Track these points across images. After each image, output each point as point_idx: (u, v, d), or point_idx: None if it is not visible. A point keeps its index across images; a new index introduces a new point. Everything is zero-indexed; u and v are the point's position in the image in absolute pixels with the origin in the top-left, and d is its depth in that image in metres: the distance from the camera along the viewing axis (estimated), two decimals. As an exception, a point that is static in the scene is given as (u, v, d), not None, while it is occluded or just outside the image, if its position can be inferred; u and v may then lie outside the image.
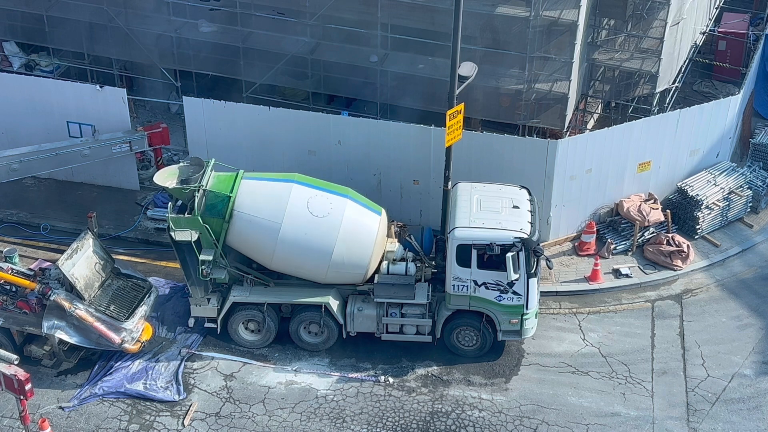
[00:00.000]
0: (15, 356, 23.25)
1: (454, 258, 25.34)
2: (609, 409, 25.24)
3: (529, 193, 26.51)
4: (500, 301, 25.58)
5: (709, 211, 30.01)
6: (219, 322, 26.44)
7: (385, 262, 26.28)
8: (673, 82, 32.01)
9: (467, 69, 26.20)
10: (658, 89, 30.89)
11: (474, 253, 25.15)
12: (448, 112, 26.17)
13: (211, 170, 26.12)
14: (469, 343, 26.41)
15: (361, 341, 26.90)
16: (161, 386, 25.61)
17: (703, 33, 35.26)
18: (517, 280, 25.14)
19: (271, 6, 31.04)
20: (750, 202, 30.81)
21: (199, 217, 25.18)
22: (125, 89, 31.08)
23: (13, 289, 25.91)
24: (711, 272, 29.22)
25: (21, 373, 22.38)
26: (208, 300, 26.31)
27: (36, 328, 25.37)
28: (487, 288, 25.50)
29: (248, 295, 26.22)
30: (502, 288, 25.42)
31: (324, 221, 25.37)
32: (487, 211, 25.69)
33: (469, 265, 25.29)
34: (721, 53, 35.92)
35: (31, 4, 33.12)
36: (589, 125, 32.76)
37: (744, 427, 24.83)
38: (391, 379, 25.95)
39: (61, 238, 29.63)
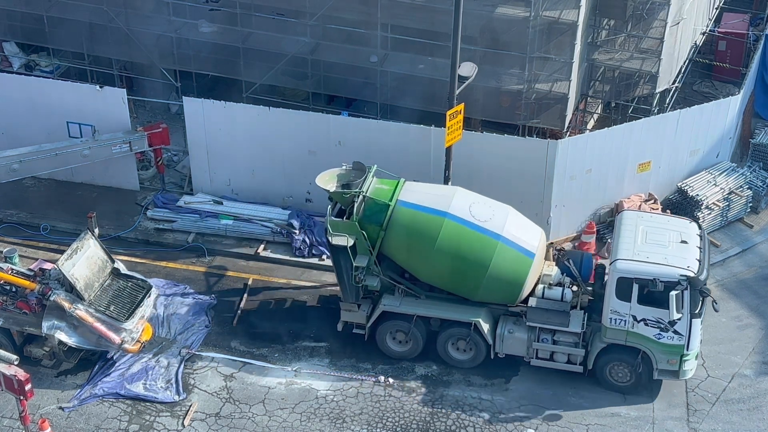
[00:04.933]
0: (15, 356, 23.25)
1: (613, 290, 24.33)
2: (609, 409, 25.24)
3: (699, 228, 25.46)
4: (659, 339, 24.48)
5: (709, 212, 30.02)
6: (367, 329, 26.19)
7: (540, 286, 25.51)
8: (673, 83, 32.00)
9: (467, 69, 26.20)
10: (658, 89, 30.89)
11: (635, 287, 24.11)
12: (448, 113, 26.18)
13: (373, 176, 25.89)
14: (622, 379, 25.34)
15: (361, 341, 26.90)
16: (161, 387, 25.61)
17: (703, 33, 35.26)
18: (679, 319, 24.07)
19: (271, 6, 31.04)
20: (750, 203, 30.81)
21: (357, 223, 24.97)
22: (125, 89, 31.08)
23: (13, 289, 25.90)
24: (711, 272, 29.18)
25: (21, 374, 22.38)
26: (359, 306, 26.10)
27: (36, 329, 25.36)
28: (646, 324, 24.39)
29: (398, 305, 25.77)
30: (662, 326, 24.33)
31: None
32: (653, 244, 24.60)
33: (629, 300, 24.25)
34: (721, 53, 35.91)
35: (31, 4, 33.11)
36: (589, 125, 32.75)
37: (744, 427, 24.83)
38: (391, 380, 25.95)
39: (61, 238, 29.62)
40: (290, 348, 26.87)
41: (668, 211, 29.89)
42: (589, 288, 25.78)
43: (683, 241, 24.73)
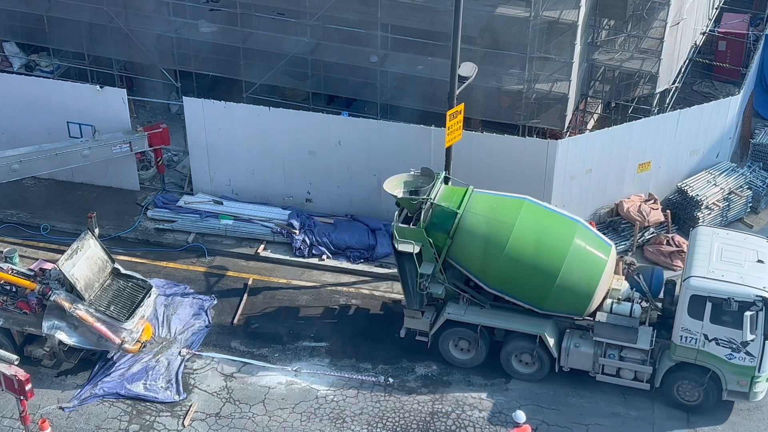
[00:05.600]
0: (15, 356, 23.25)
1: (685, 308, 23.83)
2: (609, 409, 25.24)
3: None
4: (730, 359, 23.96)
5: (709, 212, 30.01)
6: (430, 336, 25.96)
7: (609, 300, 25.05)
8: (673, 83, 32.01)
9: (467, 69, 26.21)
10: (658, 89, 30.90)
11: (708, 306, 23.59)
12: (448, 113, 26.18)
13: (441, 183, 25.68)
14: (690, 398, 24.81)
15: (361, 341, 26.91)
16: (161, 387, 25.61)
17: (703, 33, 35.27)
18: (752, 340, 23.57)
19: (271, 6, 31.04)
20: (750, 203, 30.82)
21: (424, 230, 24.74)
22: (125, 90, 31.10)
23: (14, 289, 25.91)
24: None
25: (21, 374, 22.37)
26: (422, 313, 25.89)
27: (36, 329, 25.36)
28: (717, 344, 23.87)
29: (463, 314, 25.50)
30: (734, 346, 23.80)
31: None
32: (729, 262, 24.04)
33: (701, 318, 23.75)
34: (721, 53, 35.92)
35: (31, 5, 33.13)
36: (589, 125, 32.76)
37: (744, 427, 24.82)
38: (391, 380, 25.95)
39: (61, 238, 29.63)
40: (290, 348, 26.87)
41: (668, 211, 29.91)
42: (659, 304, 25.29)
43: (760, 261, 24.16)
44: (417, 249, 24.80)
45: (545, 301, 24.83)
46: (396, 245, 25.00)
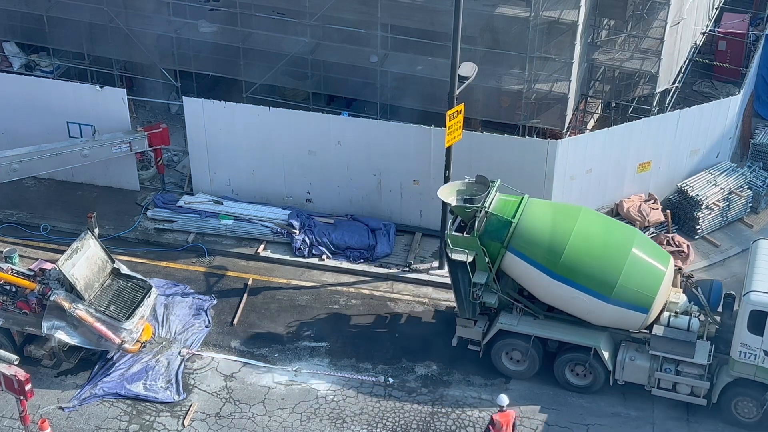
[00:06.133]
0: (15, 356, 23.23)
1: (745, 323, 23.33)
2: (609, 409, 25.24)
3: None
4: None
5: (709, 212, 30.01)
6: (482, 346, 25.66)
7: (666, 313, 24.53)
8: (673, 83, 32.01)
9: (467, 69, 26.20)
10: (658, 89, 30.89)
11: None
12: (448, 113, 26.18)
13: (496, 191, 25.32)
14: (748, 415, 24.34)
15: (361, 341, 26.91)
16: (161, 386, 25.61)
17: (703, 33, 35.27)
18: None
19: (271, 6, 31.04)
20: (750, 202, 30.81)
21: (478, 239, 24.46)
22: (125, 89, 31.09)
23: (14, 289, 25.90)
24: (711, 272, 29.16)
25: (21, 374, 22.36)
26: (475, 322, 25.62)
27: (36, 329, 25.36)
28: None
29: (516, 325, 25.15)
30: None
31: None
32: None
33: (761, 334, 23.26)
34: (721, 53, 35.91)
35: (31, 4, 33.13)
36: (589, 125, 32.76)
37: (744, 427, 24.78)
38: (391, 380, 25.94)
39: (61, 238, 29.62)
40: (290, 348, 26.87)
41: (668, 211, 29.90)
42: (717, 318, 24.82)
43: None
44: (470, 258, 24.49)
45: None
46: (449, 253, 24.69)
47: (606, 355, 24.68)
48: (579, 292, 24.22)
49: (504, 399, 23.16)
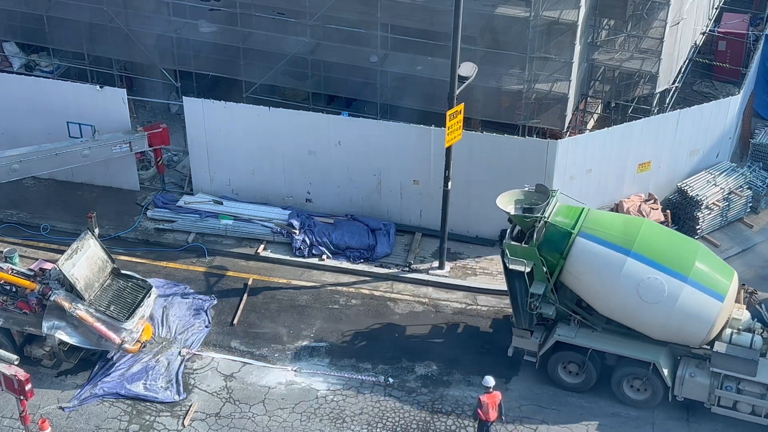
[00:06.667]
0: (15, 356, 23.24)
1: None
2: (609, 409, 25.23)
3: None
4: None
5: (709, 212, 30.01)
6: (538, 358, 25.32)
7: (728, 330, 23.92)
8: (673, 83, 32.01)
9: (467, 69, 26.20)
10: (658, 89, 30.90)
11: None
12: (448, 112, 26.18)
13: (556, 201, 24.98)
14: None
15: (361, 341, 26.91)
16: (161, 386, 25.61)
17: (703, 33, 35.27)
18: None
19: (271, 6, 31.05)
20: (750, 202, 30.81)
21: (536, 249, 24.14)
22: (125, 89, 31.09)
23: (14, 289, 25.90)
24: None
25: (21, 374, 22.37)
26: (531, 333, 25.23)
27: (36, 329, 25.36)
28: None
29: (573, 337, 24.77)
30: None
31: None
32: None
33: None
34: (721, 53, 35.91)
35: (31, 4, 33.13)
36: (589, 125, 32.76)
37: (745, 427, 24.79)
38: (391, 380, 25.94)
39: (61, 238, 29.62)
40: (290, 348, 26.87)
41: (668, 211, 29.90)
42: None
43: None
44: (528, 268, 24.21)
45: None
46: (507, 263, 24.41)
47: (665, 370, 24.22)
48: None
49: (490, 380, 23.33)
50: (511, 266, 24.40)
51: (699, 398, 24.46)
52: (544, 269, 24.29)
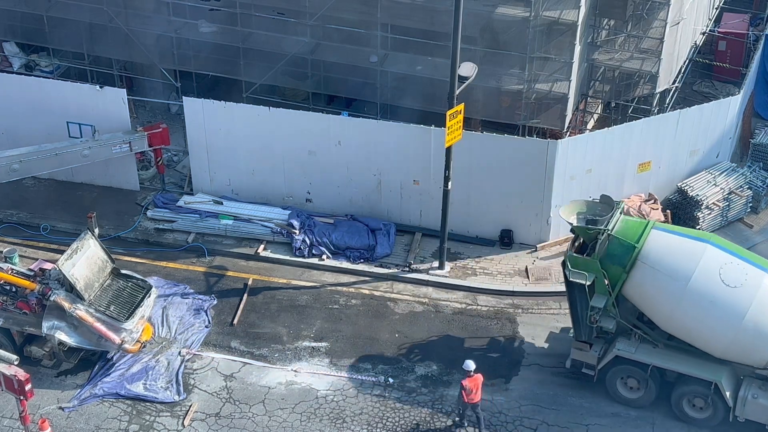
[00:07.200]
0: (15, 357, 23.24)
1: None
2: (609, 409, 25.23)
3: None
4: None
5: (709, 212, 30.01)
6: (597, 371, 24.93)
7: None
8: (673, 83, 32.01)
9: (467, 69, 26.20)
10: (658, 89, 30.89)
11: None
12: (448, 112, 26.18)
13: (621, 213, 24.53)
14: None
15: (361, 341, 26.91)
16: (161, 387, 25.61)
17: (703, 33, 35.27)
18: None
19: (271, 6, 31.04)
20: (750, 203, 30.81)
21: (598, 262, 23.78)
22: (125, 90, 31.10)
23: (13, 289, 25.90)
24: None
25: (21, 374, 22.37)
26: (590, 346, 24.88)
27: (36, 329, 25.37)
28: None
29: (633, 352, 24.39)
30: None
31: (735, 292, 23.05)
32: None
33: None
34: (721, 53, 35.91)
35: (31, 4, 33.13)
36: (589, 125, 32.76)
37: (745, 427, 24.78)
38: (391, 380, 25.94)
39: (61, 238, 29.63)
40: (290, 348, 26.87)
41: (668, 211, 29.90)
42: None
43: None
44: (590, 281, 23.89)
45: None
46: (567, 275, 24.13)
47: (728, 389, 23.79)
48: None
49: (470, 364, 23.64)
50: (571, 278, 24.03)
51: (761, 420, 23.96)
52: (606, 282, 23.90)
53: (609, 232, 24.02)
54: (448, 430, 24.72)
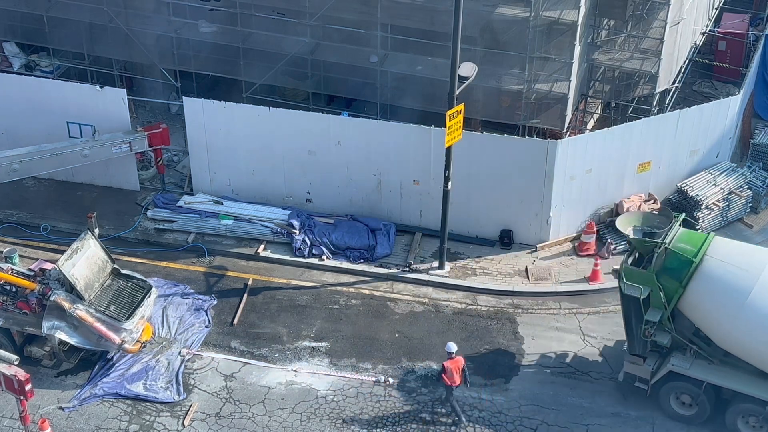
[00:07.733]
0: (15, 357, 23.26)
1: None
2: (609, 409, 25.24)
3: None
4: None
5: (709, 212, 30.01)
6: (650, 386, 24.48)
7: None
8: (673, 83, 32.01)
9: (467, 69, 26.20)
10: (658, 89, 30.89)
11: None
12: (448, 113, 26.18)
13: (679, 226, 24.11)
14: None
15: (361, 341, 26.91)
16: (161, 387, 25.61)
17: (703, 33, 35.27)
18: None
19: (271, 6, 31.04)
20: (750, 203, 30.81)
21: (654, 275, 23.31)
22: (125, 90, 31.10)
23: (14, 289, 25.90)
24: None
25: (21, 374, 22.38)
26: (644, 360, 24.42)
27: (36, 329, 25.37)
28: None
29: (688, 368, 23.83)
30: None
31: None
32: None
33: None
34: (721, 53, 35.91)
35: (31, 5, 33.13)
36: (589, 125, 32.76)
37: (744, 427, 24.84)
38: (391, 380, 25.95)
39: (61, 238, 29.63)
40: (290, 348, 26.88)
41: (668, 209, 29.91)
42: None
43: None
44: (645, 294, 23.44)
45: None
46: (622, 287, 23.74)
47: None
48: None
49: (452, 346, 24.01)
50: (626, 291, 23.66)
51: None
52: (662, 296, 23.45)
53: (666, 245, 23.52)
54: (447, 429, 24.73)
